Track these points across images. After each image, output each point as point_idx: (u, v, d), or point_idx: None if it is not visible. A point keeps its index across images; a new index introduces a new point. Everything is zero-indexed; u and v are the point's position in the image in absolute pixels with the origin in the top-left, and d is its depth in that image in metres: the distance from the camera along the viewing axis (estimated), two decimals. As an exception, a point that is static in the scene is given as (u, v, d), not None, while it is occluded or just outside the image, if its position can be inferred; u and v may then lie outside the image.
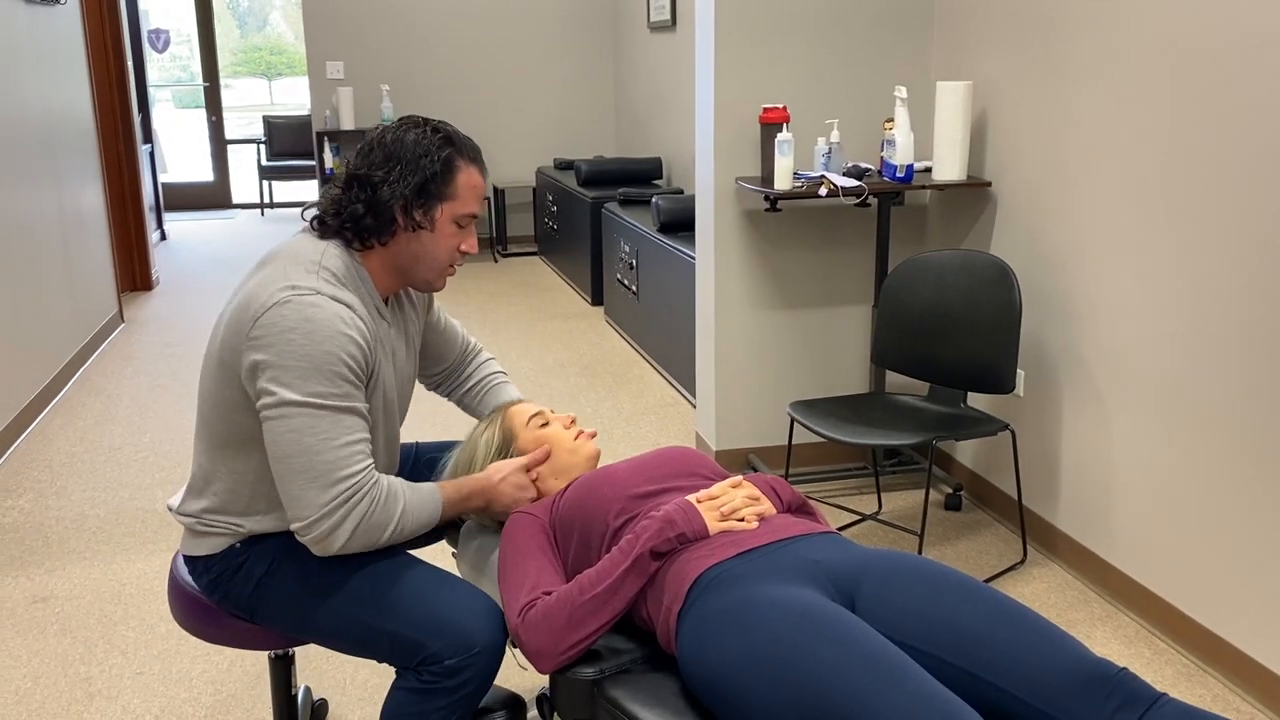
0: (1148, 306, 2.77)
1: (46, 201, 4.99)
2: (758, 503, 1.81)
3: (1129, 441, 2.87)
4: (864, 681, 1.41)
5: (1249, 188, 2.43)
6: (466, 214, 1.88)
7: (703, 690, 1.58)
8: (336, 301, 1.76)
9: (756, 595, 1.57)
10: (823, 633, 1.48)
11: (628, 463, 1.96)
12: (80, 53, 5.82)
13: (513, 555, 1.85)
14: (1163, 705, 1.44)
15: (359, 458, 1.75)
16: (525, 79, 8.13)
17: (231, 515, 1.89)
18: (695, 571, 1.67)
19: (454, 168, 1.85)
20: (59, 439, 4.38)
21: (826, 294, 3.79)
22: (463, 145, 1.88)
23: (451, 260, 1.91)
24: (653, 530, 1.72)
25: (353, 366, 1.75)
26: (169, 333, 6.03)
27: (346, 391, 1.74)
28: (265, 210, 10.62)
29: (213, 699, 2.60)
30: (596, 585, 1.69)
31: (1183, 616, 2.73)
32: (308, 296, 1.74)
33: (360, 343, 1.76)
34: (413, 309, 2.06)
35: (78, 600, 3.08)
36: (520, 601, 1.74)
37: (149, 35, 11.55)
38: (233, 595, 1.90)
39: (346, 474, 1.73)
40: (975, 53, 3.44)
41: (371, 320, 1.84)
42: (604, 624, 1.69)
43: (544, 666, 1.70)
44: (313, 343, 1.71)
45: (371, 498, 1.76)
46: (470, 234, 1.91)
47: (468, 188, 1.87)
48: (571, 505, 1.90)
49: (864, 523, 3.47)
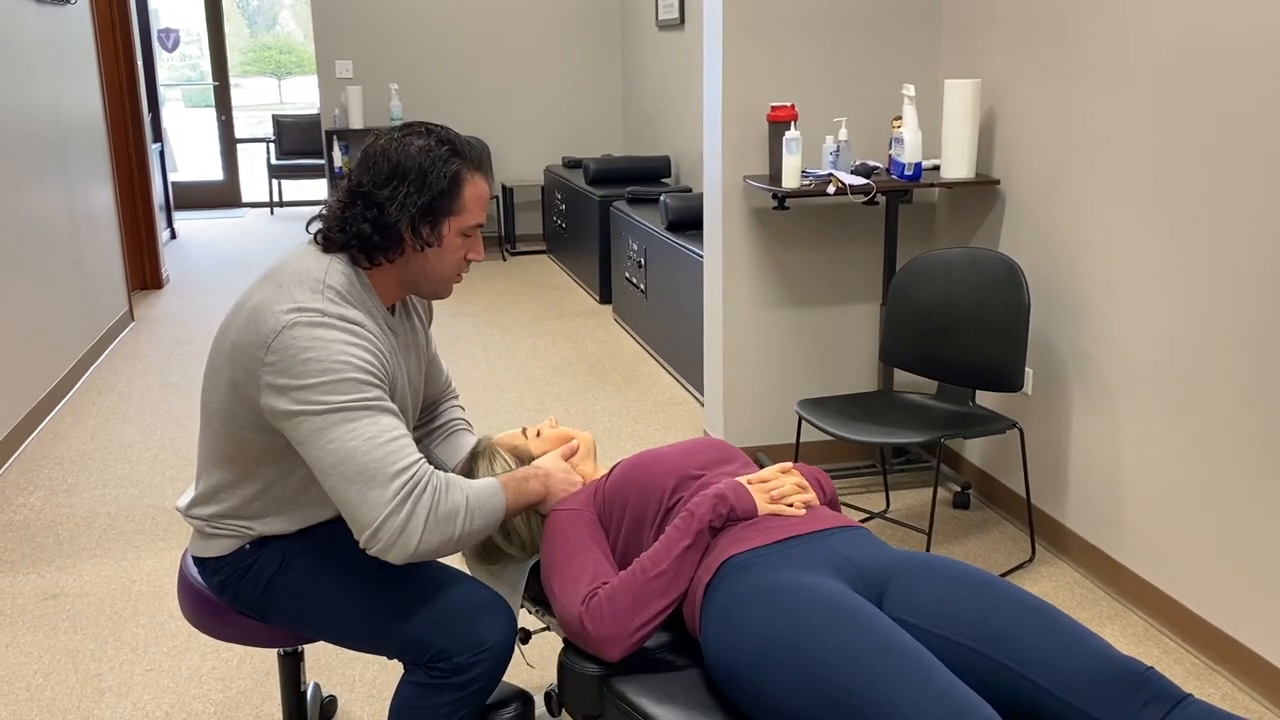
0: (1157, 304, 2.76)
1: (57, 200, 5.01)
2: (806, 491, 1.84)
3: (1138, 440, 2.87)
4: (884, 673, 1.42)
5: (1260, 186, 2.42)
6: (473, 225, 1.84)
7: (721, 674, 1.59)
8: (344, 320, 1.73)
9: (784, 580, 1.60)
10: (846, 621, 1.50)
11: (672, 447, 1.98)
12: (90, 52, 5.84)
13: (564, 550, 1.83)
14: (1188, 705, 1.45)
15: (409, 450, 1.69)
16: (534, 77, 8.13)
17: (242, 519, 1.87)
18: (730, 550, 1.69)
19: (460, 182, 1.80)
20: (70, 437, 4.40)
21: (834, 292, 3.79)
22: (469, 154, 1.82)
23: (459, 270, 1.87)
24: (708, 505, 1.74)
25: (373, 372, 1.71)
26: (179, 331, 6.05)
27: (376, 395, 1.70)
28: (275, 209, 10.65)
29: (222, 695, 2.61)
30: (660, 563, 1.70)
31: (1192, 615, 2.72)
32: (314, 318, 1.71)
33: (375, 351, 1.74)
34: (419, 317, 2.04)
35: (88, 597, 3.10)
36: (581, 592, 1.72)
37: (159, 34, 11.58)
38: (243, 596, 1.89)
39: (402, 466, 1.66)
40: (983, 50, 3.44)
41: (381, 333, 1.81)
42: (670, 603, 1.70)
43: (613, 653, 1.68)
44: (329, 357, 1.68)
45: (434, 487, 1.68)
46: (476, 242, 1.87)
47: (474, 199, 1.82)
48: (619, 487, 1.91)
49: (872, 521, 3.47)
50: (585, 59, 8.17)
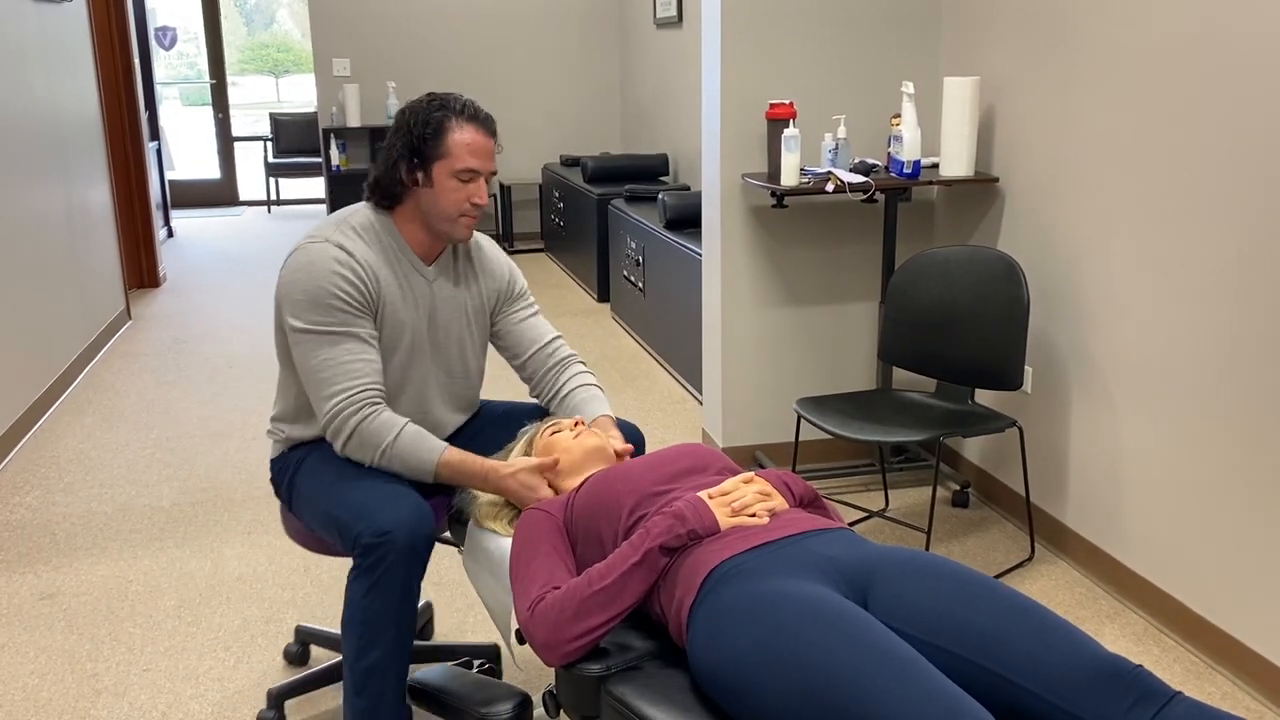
0: (1157, 303, 2.76)
1: (54, 198, 5.00)
2: (769, 498, 1.82)
3: (1138, 438, 2.86)
4: (874, 676, 1.41)
5: (1260, 183, 2.41)
6: (463, 169, 2.10)
7: (711, 683, 1.58)
8: (339, 248, 2.09)
9: (769, 589, 1.57)
10: (834, 627, 1.48)
11: (642, 459, 1.96)
12: (87, 50, 5.83)
13: (525, 551, 1.86)
14: (1178, 703, 1.44)
15: (352, 378, 2.07)
16: (531, 75, 8.12)
17: (283, 423, 2.28)
18: (708, 565, 1.67)
19: (444, 128, 2.09)
20: (66, 436, 4.39)
21: (833, 290, 3.78)
22: (458, 106, 2.11)
23: (461, 212, 2.13)
24: (663, 526, 1.72)
25: (345, 299, 2.07)
26: (176, 330, 6.04)
27: (343, 320, 2.08)
28: (272, 207, 10.64)
29: (219, 695, 2.60)
30: (605, 578, 1.69)
31: (1191, 614, 2.72)
32: (316, 244, 2.10)
33: (353, 279, 2.08)
34: (484, 283, 2.34)
35: (85, 597, 3.09)
36: (531, 595, 1.75)
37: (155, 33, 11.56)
38: (281, 491, 2.29)
39: (339, 389, 2.07)
40: (983, 48, 3.43)
41: (389, 269, 2.16)
42: (612, 618, 1.69)
43: (551, 659, 1.70)
44: (310, 279, 2.07)
45: (363, 415, 2.07)
46: (477, 187, 2.13)
47: (459, 145, 2.09)
48: (585, 502, 1.91)
49: (871, 520, 3.46)
50: (583, 57, 8.16)
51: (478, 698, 1.89)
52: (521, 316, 2.42)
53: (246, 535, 3.46)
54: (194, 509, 3.67)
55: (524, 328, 2.41)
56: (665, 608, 1.72)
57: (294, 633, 2.74)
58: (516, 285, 2.41)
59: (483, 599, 2.20)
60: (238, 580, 3.17)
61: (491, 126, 2.17)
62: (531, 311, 2.43)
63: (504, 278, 2.39)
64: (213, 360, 5.44)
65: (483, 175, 2.14)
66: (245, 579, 3.18)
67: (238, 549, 3.37)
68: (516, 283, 2.42)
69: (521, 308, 2.42)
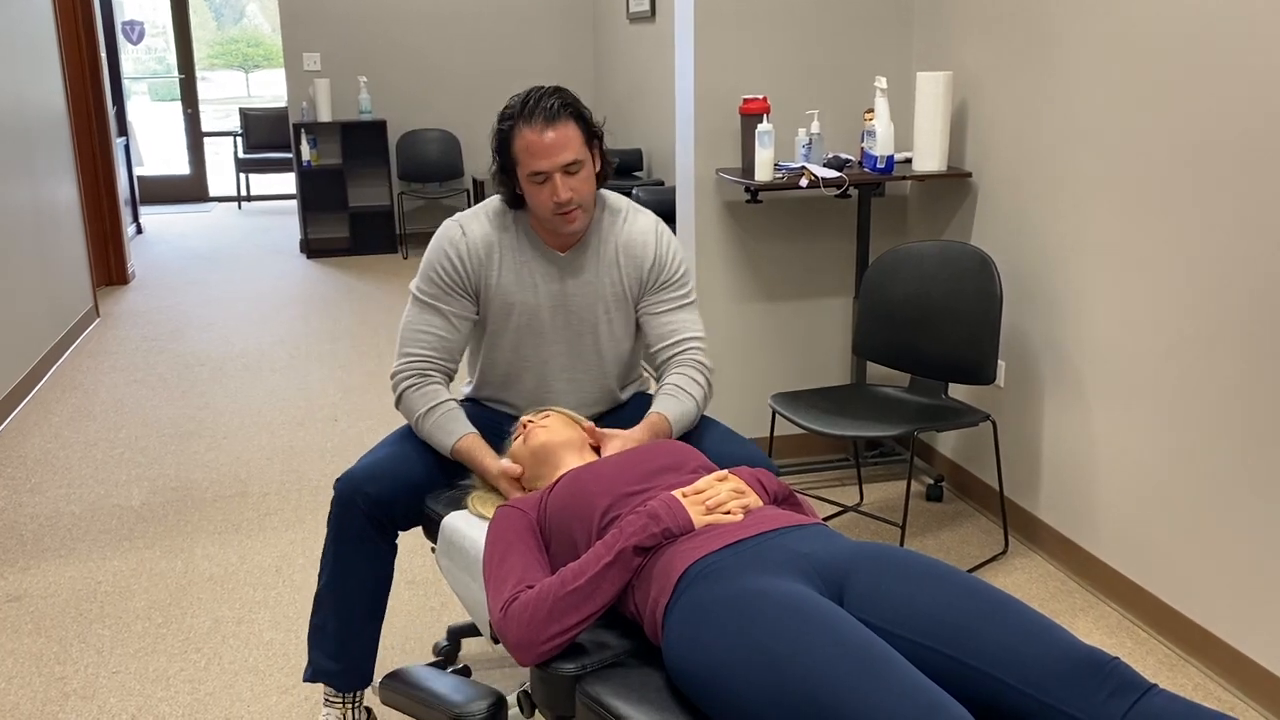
0: (1128, 296, 2.77)
1: (19, 195, 4.93)
2: (743, 495, 1.81)
3: (1110, 432, 2.87)
4: (851, 674, 1.40)
5: (1233, 178, 2.43)
6: (531, 173, 2.15)
7: (687, 683, 1.57)
8: (461, 228, 2.28)
9: (744, 587, 1.56)
10: (810, 625, 1.47)
11: (615, 458, 1.95)
12: (52, 44, 5.75)
13: (497, 549, 1.85)
14: (1154, 695, 1.44)
15: (420, 345, 2.28)
16: (504, 70, 8.09)
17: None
18: (683, 564, 1.65)
19: (509, 138, 2.17)
20: (33, 435, 4.33)
21: (807, 285, 3.78)
22: (520, 108, 2.15)
23: (551, 211, 2.17)
24: (637, 526, 1.71)
25: (441, 274, 2.26)
26: (145, 327, 5.97)
27: (434, 293, 2.27)
28: (242, 203, 10.55)
29: (190, 698, 2.57)
30: (579, 578, 1.68)
31: (1164, 606, 2.73)
32: (450, 222, 2.31)
33: (456, 260, 2.26)
34: (625, 273, 2.32)
35: (52, 599, 3.05)
36: (504, 595, 1.73)
37: (123, 27, 11.44)
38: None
39: (406, 353, 2.29)
40: (955, 43, 3.43)
41: (509, 253, 2.28)
42: (586, 618, 1.68)
43: (525, 659, 1.69)
44: (430, 251, 2.30)
45: (410, 383, 2.27)
46: (551, 187, 2.14)
47: (522, 150, 2.15)
48: (559, 501, 1.89)
49: (846, 514, 3.46)
50: (556, 51, 8.13)
51: (452, 698, 1.87)
52: (660, 309, 2.34)
53: (217, 535, 3.42)
54: (164, 509, 3.63)
55: (655, 322, 2.34)
56: (640, 607, 1.71)
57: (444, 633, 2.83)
58: (660, 276, 2.33)
59: (459, 597, 2.18)
60: (208, 581, 3.14)
61: (556, 115, 2.14)
62: (672, 305, 2.34)
63: (644, 268, 2.32)
64: (183, 358, 5.38)
65: (552, 173, 2.13)
66: (216, 579, 3.14)
67: (208, 549, 3.33)
68: (663, 272, 2.33)
69: (662, 299, 2.33)
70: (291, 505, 3.64)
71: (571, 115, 2.16)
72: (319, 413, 4.56)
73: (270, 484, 3.82)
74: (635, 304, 2.36)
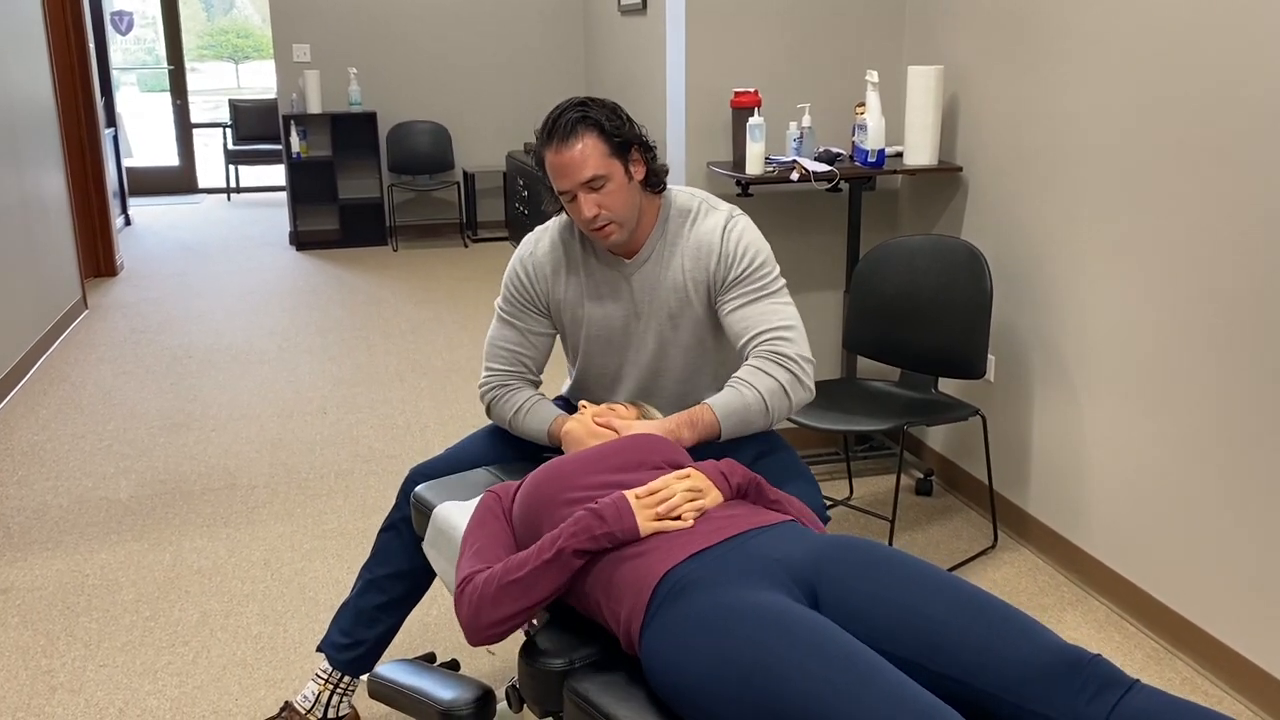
0: (1118, 291, 2.77)
1: (7, 186, 4.90)
2: (701, 495, 1.75)
3: (1099, 426, 2.88)
4: (839, 687, 1.37)
5: (1221, 172, 2.43)
6: (560, 193, 2.17)
7: (671, 700, 1.54)
8: (533, 243, 2.34)
9: (720, 602, 1.53)
10: (790, 638, 1.44)
11: (581, 453, 1.90)
12: (40, 34, 5.72)
13: (470, 532, 1.87)
14: (1137, 691, 1.42)
15: (500, 361, 2.35)
16: (495, 62, 8.06)
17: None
18: (653, 578, 1.61)
19: (542, 161, 2.18)
20: (20, 427, 4.31)
21: (798, 279, 3.78)
22: (545, 130, 2.15)
23: (584, 225, 2.17)
24: (580, 525, 1.68)
25: (515, 291, 2.33)
26: (133, 319, 5.95)
27: (511, 310, 2.34)
28: (231, 195, 10.51)
29: (178, 691, 2.56)
30: (520, 570, 1.68)
31: (1152, 601, 2.74)
32: (528, 235, 2.38)
33: (523, 277, 2.32)
34: (690, 276, 2.24)
35: (39, 591, 3.03)
36: (462, 574, 1.76)
37: (112, 17, 11.37)
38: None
39: (489, 368, 2.36)
40: (947, 37, 3.43)
41: (574, 268, 2.31)
42: (526, 609, 1.68)
43: (471, 640, 1.71)
44: (509, 267, 2.36)
45: (494, 395, 2.34)
46: (579, 202, 2.14)
47: (553, 169, 2.15)
48: (525, 492, 1.87)
49: (835, 508, 3.47)
50: (547, 43, 8.11)
51: (440, 692, 1.87)
52: (733, 306, 2.21)
53: (205, 528, 3.41)
54: (152, 502, 3.62)
55: (731, 320, 2.22)
56: (613, 621, 1.67)
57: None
58: (730, 273, 2.21)
59: (447, 588, 2.18)
60: (196, 574, 3.13)
61: (571, 132, 2.08)
62: (743, 301, 2.20)
63: (710, 268, 2.22)
64: (171, 350, 5.36)
65: (575, 191, 2.11)
66: (204, 572, 3.13)
67: (196, 542, 3.32)
68: (731, 270, 2.21)
69: (734, 296, 2.21)
70: (280, 498, 3.63)
71: (591, 127, 2.09)
72: (308, 405, 4.54)
73: (259, 476, 3.81)
74: (709, 305, 2.26)
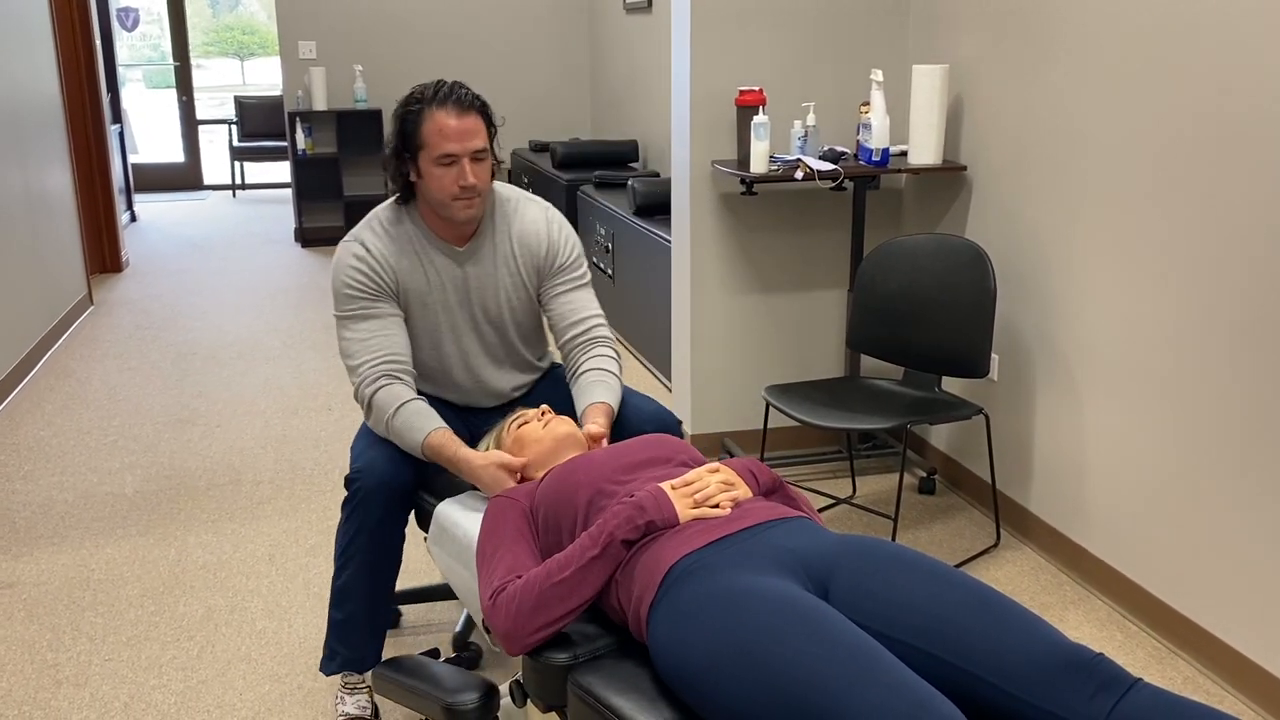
0: (1122, 291, 2.77)
1: (12, 182, 4.91)
2: (732, 488, 1.80)
3: (1102, 426, 2.88)
4: (839, 673, 1.39)
5: (1226, 171, 2.43)
6: (440, 155, 2.18)
7: (675, 681, 1.56)
8: (361, 244, 2.30)
9: (730, 585, 1.55)
10: (797, 623, 1.46)
11: (606, 450, 1.95)
12: (46, 30, 5.73)
13: (489, 539, 1.86)
14: (1139, 690, 1.43)
15: (370, 351, 2.28)
16: (500, 60, 8.07)
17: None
18: (668, 561, 1.65)
19: (418, 121, 2.20)
20: (26, 423, 4.32)
21: (802, 278, 3.78)
22: (432, 94, 2.20)
23: (453, 195, 2.22)
24: (623, 516, 1.70)
25: (358, 288, 2.29)
26: (139, 315, 5.96)
27: (360, 305, 2.29)
28: (237, 192, 10.52)
29: (183, 685, 2.57)
30: (565, 569, 1.68)
31: (1154, 600, 2.74)
32: (345, 243, 2.33)
33: (366, 271, 2.29)
34: (521, 260, 2.40)
35: (45, 586, 3.05)
36: (493, 585, 1.73)
37: (118, 13, 11.39)
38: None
39: (359, 363, 2.28)
40: (951, 36, 3.43)
41: (413, 258, 2.32)
42: (573, 609, 1.68)
43: (512, 649, 1.69)
44: (335, 275, 2.32)
45: (376, 386, 2.26)
46: (459, 170, 2.19)
47: (433, 132, 2.18)
48: (547, 492, 1.90)
49: (838, 506, 3.47)
50: (552, 41, 8.11)
51: (443, 687, 1.88)
52: (558, 291, 2.44)
53: (210, 523, 3.42)
54: (157, 497, 3.63)
55: (558, 303, 2.44)
56: (624, 604, 1.70)
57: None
58: (557, 260, 2.43)
59: (452, 585, 2.18)
60: (201, 569, 3.14)
61: (469, 105, 2.21)
62: (570, 286, 2.44)
63: (540, 253, 2.42)
64: (176, 346, 5.38)
65: (463, 157, 2.19)
66: (209, 567, 3.14)
67: (201, 537, 3.33)
68: (558, 257, 2.43)
69: (560, 282, 2.44)
70: (285, 494, 3.64)
71: (479, 109, 2.24)
72: (313, 401, 4.56)
73: (264, 472, 3.82)
74: (536, 289, 2.45)
